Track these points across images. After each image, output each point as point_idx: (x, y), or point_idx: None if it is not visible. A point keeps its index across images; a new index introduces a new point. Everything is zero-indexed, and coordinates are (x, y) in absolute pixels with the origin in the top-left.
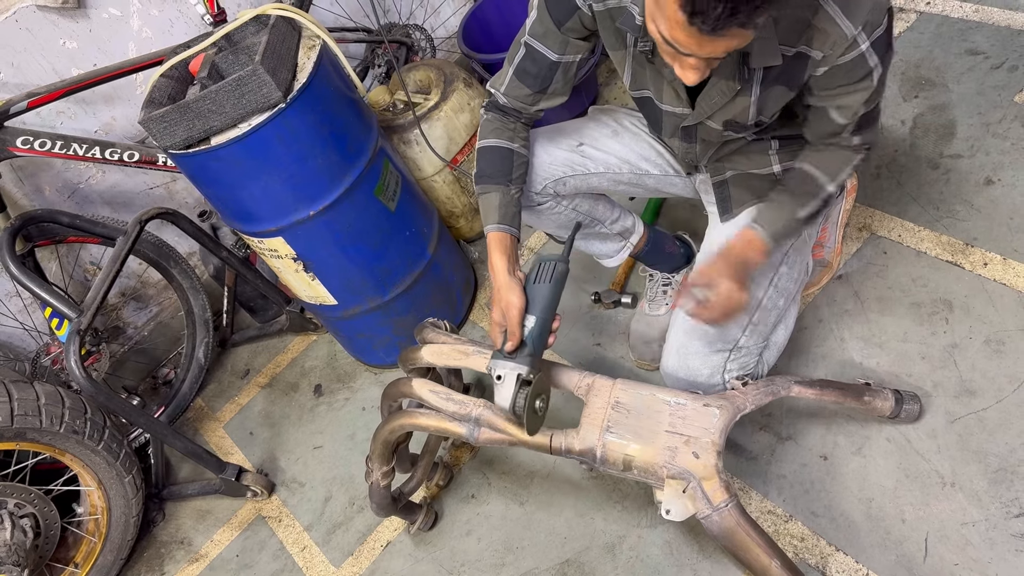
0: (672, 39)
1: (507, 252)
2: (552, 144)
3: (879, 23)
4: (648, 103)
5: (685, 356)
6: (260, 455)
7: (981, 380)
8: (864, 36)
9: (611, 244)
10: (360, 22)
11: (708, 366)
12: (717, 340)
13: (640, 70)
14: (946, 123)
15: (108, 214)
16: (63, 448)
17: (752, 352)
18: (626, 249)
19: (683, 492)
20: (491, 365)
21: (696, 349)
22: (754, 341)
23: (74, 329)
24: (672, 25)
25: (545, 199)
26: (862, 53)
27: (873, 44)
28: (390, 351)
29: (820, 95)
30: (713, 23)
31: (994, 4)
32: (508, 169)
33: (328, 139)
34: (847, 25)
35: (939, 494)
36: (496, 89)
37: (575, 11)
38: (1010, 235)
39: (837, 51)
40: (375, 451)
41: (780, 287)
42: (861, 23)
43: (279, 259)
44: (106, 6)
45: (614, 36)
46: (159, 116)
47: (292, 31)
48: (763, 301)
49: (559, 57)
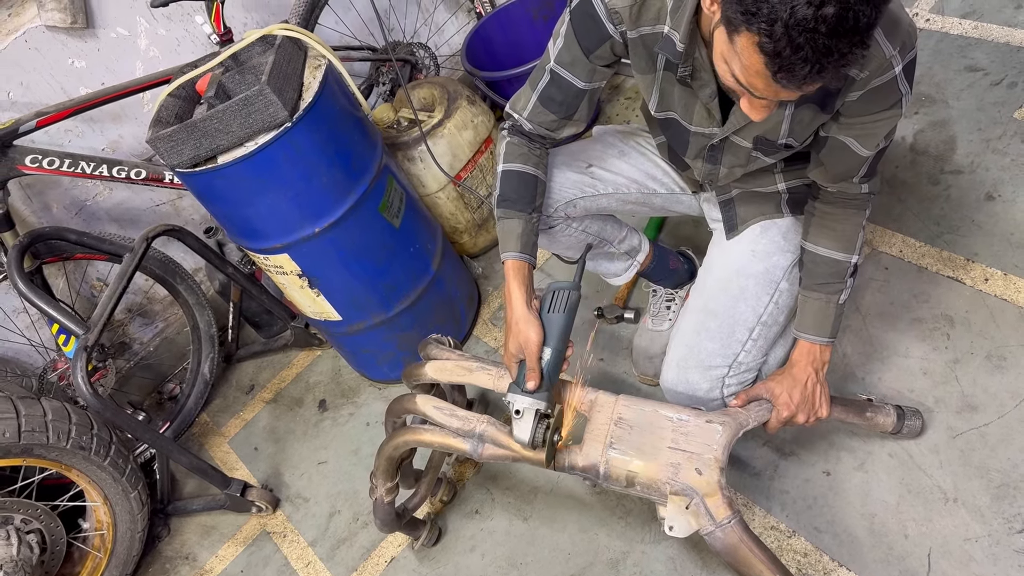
0: (749, 85)
1: (525, 282)
2: (563, 166)
3: (911, 46)
4: (673, 124)
5: (685, 370)
6: (265, 470)
7: (983, 395)
8: (899, 58)
9: (618, 263)
10: (365, 41)
11: (707, 380)
12: (716, 355)
13: (669, 92)
14: (946, 139)
15: (115, 231)
16: (69, 464)
17: (751, 368)
18: (633, 268)
19: (686, 508)
20: (509, 399)
21: (695, 363)
22: (753, 357)
23: (81, 345)
24: (752, 74)
25: (556, 221)
26: (895, 77)
27: (904, 69)
28: (394, 366)
29: (847, 123)
30: (800, 82)
31: (993, 21)
32: (532, 196)
33: (333, 157)
34: (886, 45)
35: (942, 510)
36: (519, 114)
37: (606, 40)
38: (1011, 251)
39: (874, 73)
40: (379, 467)
41: (781, 304)
42: (899, 44)
43: (284, 275)
44: (114, 26)
45: (645, 61)
46: (167, 135)
47: (298, 51)
48: (763, 317)
49: (586, 85)
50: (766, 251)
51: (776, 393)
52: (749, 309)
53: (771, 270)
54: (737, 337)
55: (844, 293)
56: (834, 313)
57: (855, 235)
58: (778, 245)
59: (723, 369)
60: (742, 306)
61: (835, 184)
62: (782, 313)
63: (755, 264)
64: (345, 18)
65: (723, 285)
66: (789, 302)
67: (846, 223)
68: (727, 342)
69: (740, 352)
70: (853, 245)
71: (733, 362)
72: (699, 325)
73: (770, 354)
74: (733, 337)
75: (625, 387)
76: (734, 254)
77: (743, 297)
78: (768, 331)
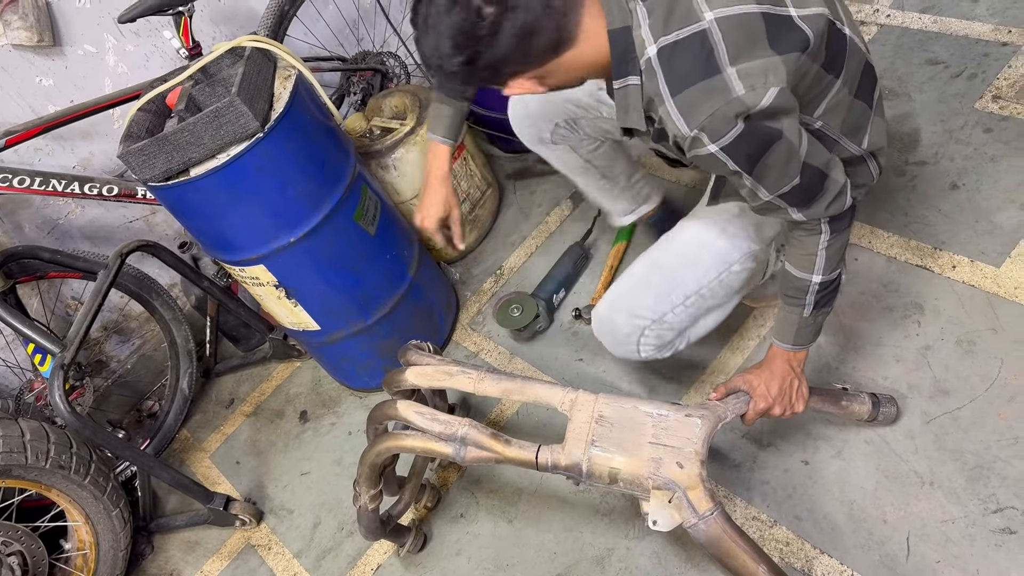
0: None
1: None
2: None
3: (723, 133)
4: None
5: (613, 310)
6: (248, 484)
7: (954, 380)
8: (706, 138)
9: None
10: (334, 51)
11: (628, 326)
12: (646, 308)
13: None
14: (910, 131)
15: (89, 248)
16: (49, 484)
17: (674, 328)
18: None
19: (669, 502)
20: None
21: (624, 307)
22: (680, 320)
23: (57, 364)
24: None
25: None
26: (711, 153)
27: (725, 149)
28: (374, 375)
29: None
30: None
31: (951, 14)
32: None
33: (306, 167)
34: (682, 124)
35: (919, 493)
36: None
37: None
38: (976, 238)
39: (684, 144)
40: (362, 474)
41: (725, 283)
42: (697, 126)
43: (261, 287)
44: (81, 43)
45: None
46: (138, 150)
47: (268, 62)
48: (703, 289)
49: None
50: (735, 233)
51: (754, 385)
52: (694, 278)
53: (730, 251)
54: (672, 299)
55: (806, 309)
56: (797, 324)
57: (812, 256)
58: (747, 232)
59: (647, 321)
60: (689, 273)
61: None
62: (723, 291)
63: (719, 240)
64: (314, 29)
65: (682, 246)
66: (734, 283)
67: (800, 245)
68: (660, 299)
69: (668, 313)
70: (812, 265)
71: (659, 318)
72: (643, 274)
73: (700, 320)
74: (668, 297)
75: (605, 387)
76: (705, 223)
77: (694, 265)
78: (703, 302)
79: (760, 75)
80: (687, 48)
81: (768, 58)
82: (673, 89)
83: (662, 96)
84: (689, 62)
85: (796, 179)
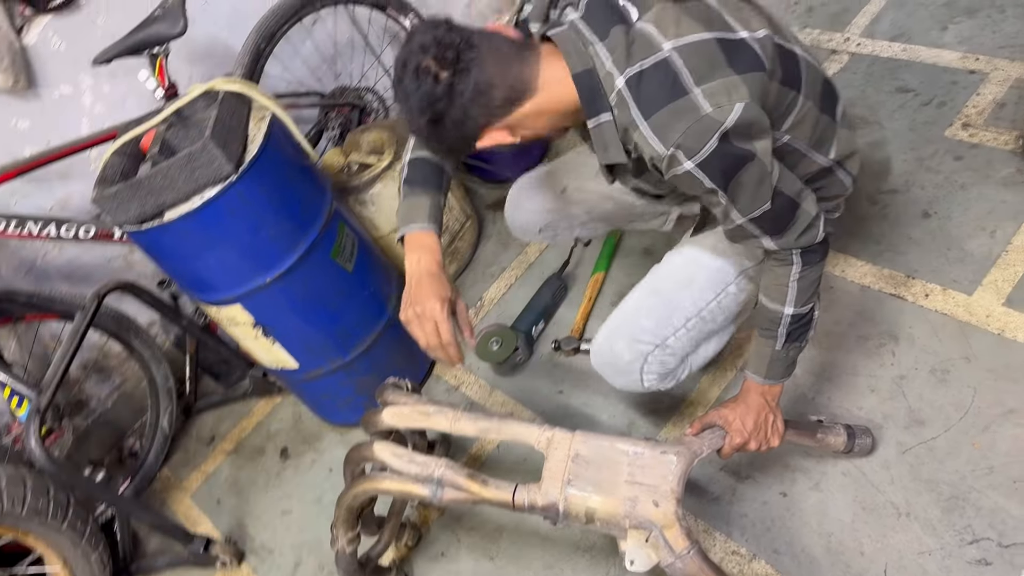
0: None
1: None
2: (539, 194)
3: (697, 150)
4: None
5: (614, 339)
6: (228, 523)
7: (929, 410)
8: (683, 155)
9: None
10: (312, 87)
11: (631, 352)
12: (648, 332)
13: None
14: (882, 160)
15: (67, 288)
16: (27, 529)
17: (676, 353)
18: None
19: (646, 541)
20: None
21: (626, 334)
22: (682, 344)
23: (33, 408)
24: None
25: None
26: (688, 171)
27: (700, 166)
28: (355, 410)
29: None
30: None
31: (920, 43)
32: (439, 183)
33: (281, 208)
34: (658, 145)
35: (895, 525)
36: None
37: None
38: (948, 266)
39: (662, 165)
40: (339, 517)
41: (723, 305)
42: (673, 144)
43: (238, 326)
44: (57, 84)
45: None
46: (111, 194)
47: (242, 103)
48: (703, 312)
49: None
50: (727, 251)
51: (729, 420)
52: (691, 300)
53: (725, 269)
54: (673, 322)
55: (778, 341)
56: (769, 357)
57: (784, 287)
58: (738, 250)
59: (649, 346)
60: (686, 294)
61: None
62: (722, 314)
63: (713, 259)
64: (292, 65)
65: (675, 270)
66: (731, 306)
67: (774, 276)
68: (661, 323)
69: (671, 337)
70: (784, 297)
71: (661, 343)
72: (640, 301)
73: (701, 347)
74: (669, 321)
75: (585, 419)
76: (695, 247)
77: (690, 286)
78: (704, 325)
79: (723, 93)
80: (652, 76)
81: (728, 78)
82: (645, 113)
83: (635, 122)
84: (656, 87)
85: (767, 204)
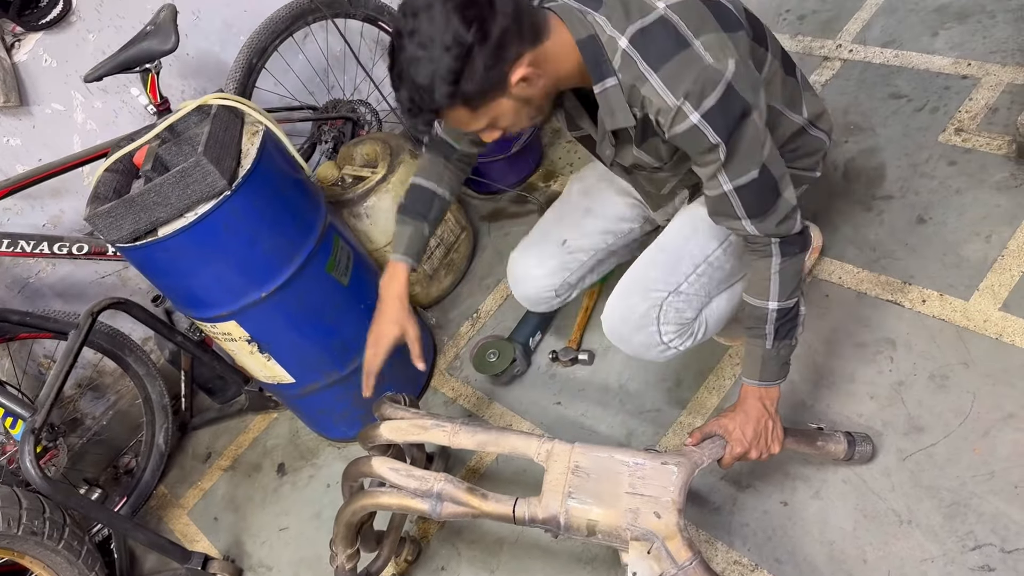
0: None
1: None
2: (542, 255)
3: (705, 95)
4: (587, 140)
5: (626, 296)
6: (226, 540)
7: (928, 416)
8: (690, 107)
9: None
10: (305, 100)
11: (646, 301)
12: (659, 281)
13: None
14: (876, 166)
15: (60, 306)
16: (22, 550)
17: (691, 302)
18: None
19: (648, 553)
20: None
21: (638, 288)
22: (695, 290)
23: (28, 428)
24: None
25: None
26: (694, 125)
27: (706, 117)
28: (352, 424)
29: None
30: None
31: (912, 48)
32: (427, 209)
33: (275, 222)
34: (668, 96)
35: (897, 532)
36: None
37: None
38: (944, 271)
39: (667, 120)
40: (338, 534)
41: (729, 252)
42: (683, 93)
43: (233, 342)
44: (49, 102)
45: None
46: (104, 212)
47: (235, 118)
48: (710, 257)
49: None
50: None
51: (729, 430)
52: (697, 247)
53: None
54: (682, 269)
55: (767, 340)
56: (761, 357)
57: (766, 281)
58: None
59: (663, 294)
60: (691, 243)
61: (718, 219)
62: (729, 260)
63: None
64: (284, 79)
65: (677, 228)
66: (739, 251)
67: (756, 270)
68: (672, 270)
69: (683, 283)
70: (767, 291)
71: (675, 289)
72: (647, 259)
73: (713, 302)
74: (678, 268)
75: (583, 430)
76: (693, 209)
77: (694, 236)
78: (713, 271)
79: (719, 47)
80: (655, 31)
81: (719, 33)
82: (655, 65)
83: (644, 75)
84: (661, 41)
85: (755, 172)
